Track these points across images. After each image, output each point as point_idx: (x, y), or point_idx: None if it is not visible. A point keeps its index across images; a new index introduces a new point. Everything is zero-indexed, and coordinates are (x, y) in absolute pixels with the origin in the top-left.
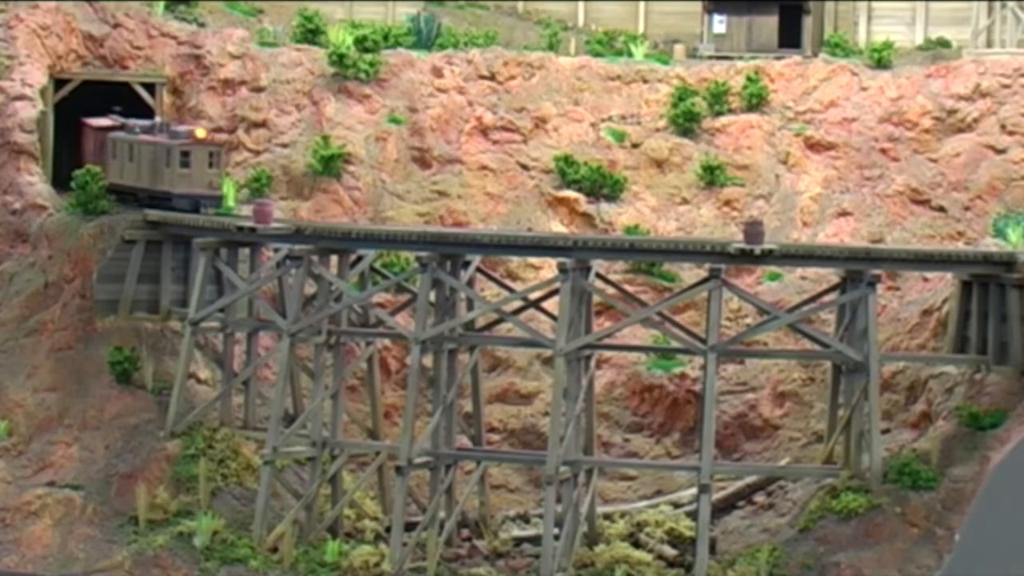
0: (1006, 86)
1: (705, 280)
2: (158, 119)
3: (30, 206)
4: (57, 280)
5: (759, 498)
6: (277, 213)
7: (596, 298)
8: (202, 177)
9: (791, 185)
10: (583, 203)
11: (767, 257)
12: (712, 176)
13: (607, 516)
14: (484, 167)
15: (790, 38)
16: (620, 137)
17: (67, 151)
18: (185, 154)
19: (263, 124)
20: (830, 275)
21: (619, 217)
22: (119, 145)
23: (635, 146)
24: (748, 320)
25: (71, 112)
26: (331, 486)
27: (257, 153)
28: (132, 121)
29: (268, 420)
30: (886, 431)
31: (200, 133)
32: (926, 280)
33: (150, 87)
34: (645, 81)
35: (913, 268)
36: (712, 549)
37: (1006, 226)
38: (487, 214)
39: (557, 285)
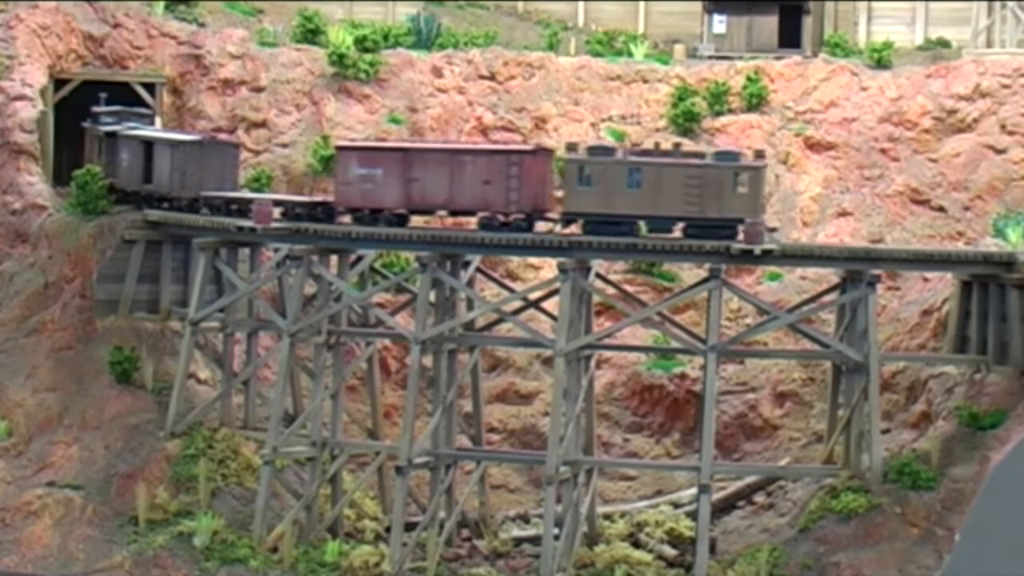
0: (1006, 86)
1: (705, 280)
2: (643, 143)
3: (30, 206)
4: (57, 280)
5: (759, 498)
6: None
7: (596, 298)
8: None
9: (791, 185)
10: None
11: (767, 257)
12: None
13: (607, 516)
14: None
15: (790, 38)
16: (620, 137)
17: (67, 151)
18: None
19: (263, 124)
20: (830, 275)
21: None
22: (598, 169)
23: (635, 146)
24: (748, 320)
25: (71, 112)
26: (331, 486)
27: (257, 153)
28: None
29: (268, 420)
30: (886, 431)
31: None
32: (926, 280)
33: (150, 87)
34: (645, 81)
35: (913, 268)
36: (712, 549)
37: (1006, 226)
38: None
39: (557, 285)
